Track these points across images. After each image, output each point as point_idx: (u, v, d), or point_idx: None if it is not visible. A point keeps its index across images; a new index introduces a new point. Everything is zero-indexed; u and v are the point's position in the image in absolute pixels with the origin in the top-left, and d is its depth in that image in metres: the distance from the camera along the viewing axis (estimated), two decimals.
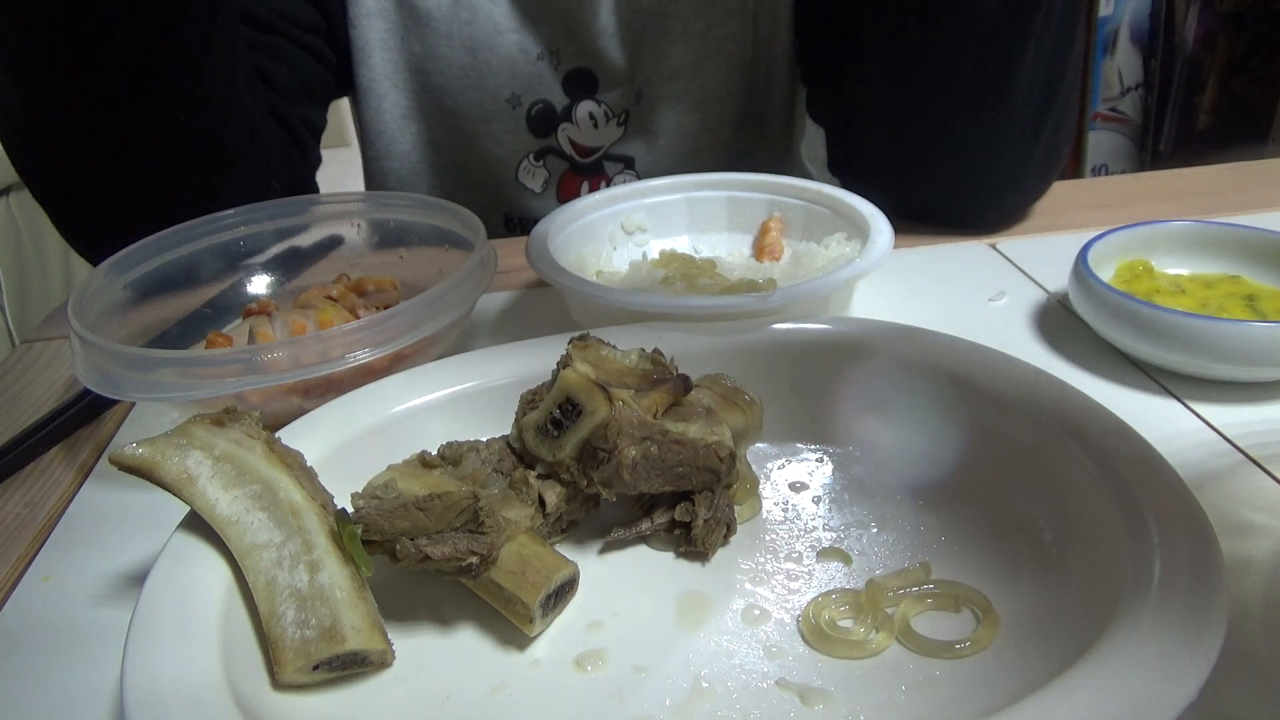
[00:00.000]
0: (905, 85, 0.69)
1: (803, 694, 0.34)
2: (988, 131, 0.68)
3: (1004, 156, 0.69)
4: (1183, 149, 1.48)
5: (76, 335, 0.48)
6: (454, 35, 0.82)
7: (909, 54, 0.68)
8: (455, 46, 0.82)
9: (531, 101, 0.85)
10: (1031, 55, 0.65)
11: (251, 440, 0.39)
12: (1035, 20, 0.63)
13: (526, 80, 0.84)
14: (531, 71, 0.83)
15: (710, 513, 0.40)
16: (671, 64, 0.84)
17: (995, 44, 0.65)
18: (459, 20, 0.82)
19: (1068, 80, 0.68)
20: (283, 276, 0.65)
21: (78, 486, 0.50)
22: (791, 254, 0.66)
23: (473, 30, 0.82)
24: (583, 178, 0.90)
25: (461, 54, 0.82)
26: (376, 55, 0.83)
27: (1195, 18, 1.41)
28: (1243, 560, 0.39)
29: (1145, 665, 0.29)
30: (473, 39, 0.82)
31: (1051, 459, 0.40)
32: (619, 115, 0.87)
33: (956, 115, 0.68)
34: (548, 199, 0.90)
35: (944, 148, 0.69)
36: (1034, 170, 0.71)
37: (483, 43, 0.82)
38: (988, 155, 0.69)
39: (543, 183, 0.89)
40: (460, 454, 0.42)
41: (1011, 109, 0.67)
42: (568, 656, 0.36)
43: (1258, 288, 0.56)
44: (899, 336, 0.48)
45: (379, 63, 0.83)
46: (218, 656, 0.32)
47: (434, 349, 0.54)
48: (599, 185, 0.90)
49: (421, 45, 0.83)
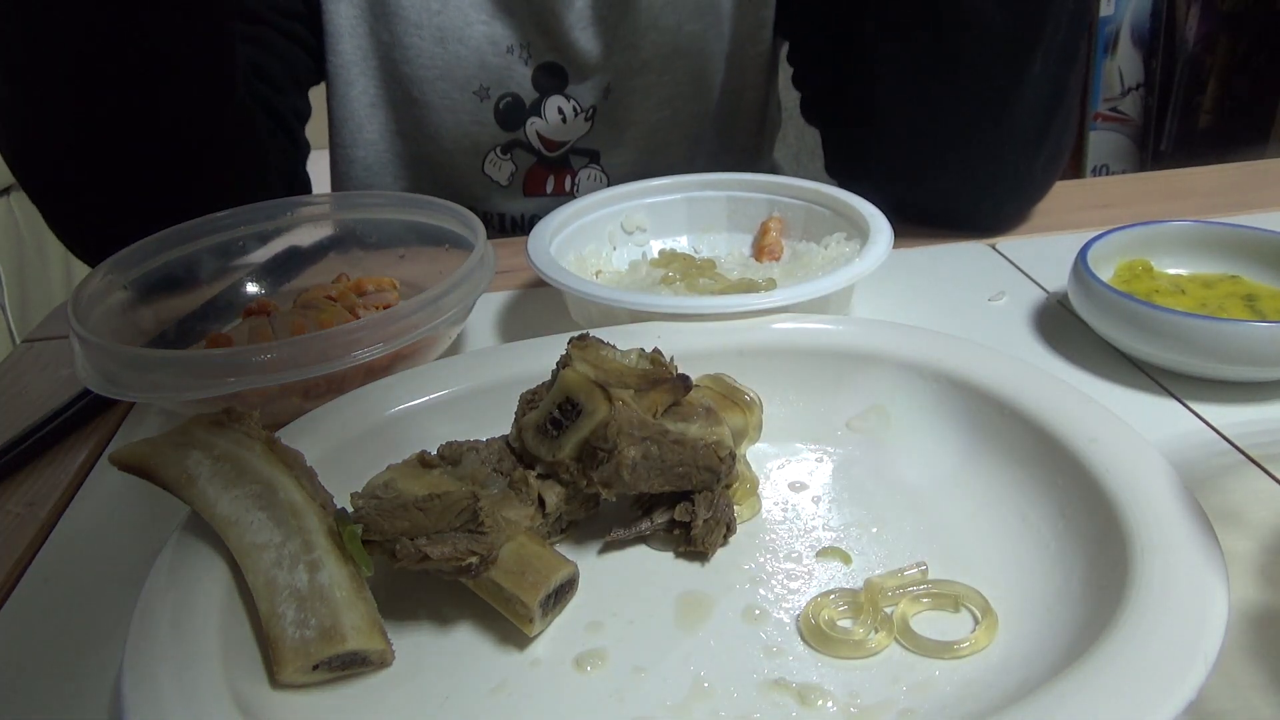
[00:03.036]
0: (909, 94, 0.69)
1: (802, 694, 0.34)
2: (991, 141, 0.67)
3: (1006, 166, 0.69)
4: (1183, 149, 1.48)
5: (76, 335, 0.48)
6: (423, 25, 0.81)
7: (915, 64, 0.67)
8: (424, 36, 0.82)
9: (500, 94, 0.84)
10: (1039, 66, 0.64)
11: (251, 440, 0.39)
12: (1044, 32, 0.63)
13: (495, 73, 0.83)
14: (501, 64, 0.83)
15: (710, 513, 0.40)
16: (641, 58, 0.84)
17: (1003, 56, 0.64)
18: (429, 10, 0.81)
19: (1071, 90, 0.68)
20: (283, 276, 0.65)
21: (78, 486, 0.50)
22: (791, 254, 0.65)
23: (442, 20, 0.81)
24: (549, 171, 0.89)
25: (430, 44, 0.82)
26: (345, 41, 0.82)
27: (1196, 18, 1.41)
28: (1243, 560, 0.39)
29: (1145, 665, 0.29)
30: (442, 29, 0.81)
31: (1051, 459, 0.40)
32: (587, 110, 0.86)
33: (961, 124, 0.67)
34: (514, 192, 0.89)
35: (946, 156, 0.69)
36: (1035, 179, 0.71)
37: (452, 33, 0.81)
38: (990, 164, 0.68)
39: (509, 175, 0.88)
40: (460, 454, 0.42)
41: (1016, 120, 0.66)
42: (568, 656, 0.36)
43: (1258, 288, 0.56)
44: (899, 336, 0.48)
45: (347, 49, 0.83)
46: (218, 656, 0.32)
47: (434, 349, 0.54)
48: (565, 179, 0.90)
49: (390, 34, 0.82)
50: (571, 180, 0.90)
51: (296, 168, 0.82)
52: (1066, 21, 0.64)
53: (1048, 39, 0.63)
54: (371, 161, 0.88)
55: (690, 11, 0.83)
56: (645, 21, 0.83)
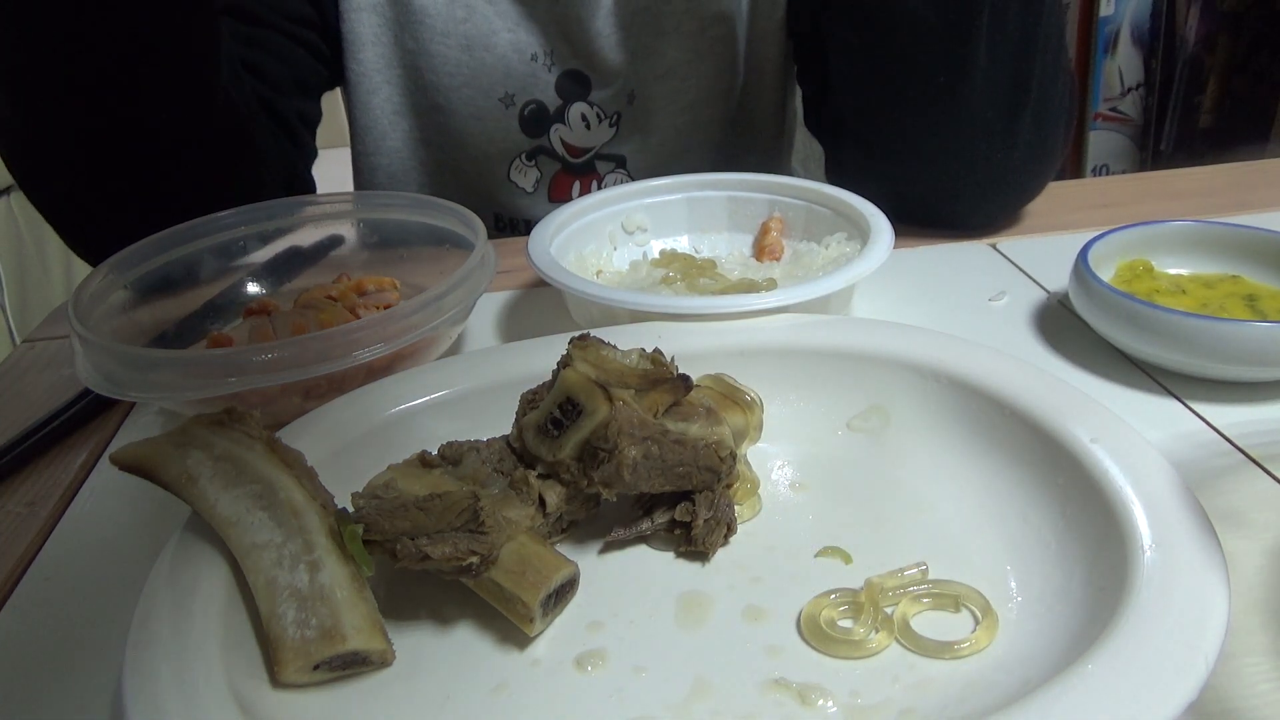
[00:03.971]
0: (866, 96, 0.69)
1: (802, 693, 0.34)
2: (950, 136, 0.67)
3: (976, 161, 0.68)
4: (1183, 149, 1.48)
5: (77, 335, 0.48)
6: (449, 33, 0.82)
7: (864, 67, 0.68)
8: (450, 44, 0.82)
9: (525, 101, 0.85)
10: (985, 58, 0.64)
11: (251, 440, 0.39)
12: (978, 23, 0.63)
13: (520, 80, 0.84)
14: (525, 71, 0.83)
15: (710, 513, 0.40)
16: (665, 63, 0.84)
17: (940, 50, 0.64)
18: (454, 18, 0.81)
19: (1040, 79, 0.66)
20: (283, 276, 0.65)
21: (78, 486, 0.50)
22: (791, 254, 0.66)
23: (468, 28, 0.82)
24: (574, 177, 0.89)
25: (456, 51, 0.82)
26: (368, 49, 0.83)
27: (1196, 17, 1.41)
28: (1243, 560, 0.39)
29: (1145, 665, 0.29)
30: (468, 37, 0.82)
31: (1051, 459, 0.40)
32: (610, 116, 0.87)
33: (916, 122, 0.68)
34: (539, 199, 0.90)
35: (911, 156, 0.69)
36: (1017, 171, 0.70)
37: (478, 41, 0.82)
38: (956, 160, 0.68)
39: (534, 182, 0.89)
40: (460, 454, 0.42)
41: (974, 112, 0.66)
42: (568, 656, 0.36)
43: (1258, 288, 0.56)
44: (899, 336, 0.48)
45: (370, 57, 0.83)
46: (218, 656, 0.32)
47: (434, 349, 0.54)
48: (590, 185, 0.90)
49: (415, 41, 0.82)
50: (598, 185, 0.90)
51: (299, 171, 0.82)
52: (1015, 12, 0.63)
53: (987, 31, 0.63)
54: (395, 169, 0.88)
55: (712, 16, 0.84)
56: (669, 27, 0.83)
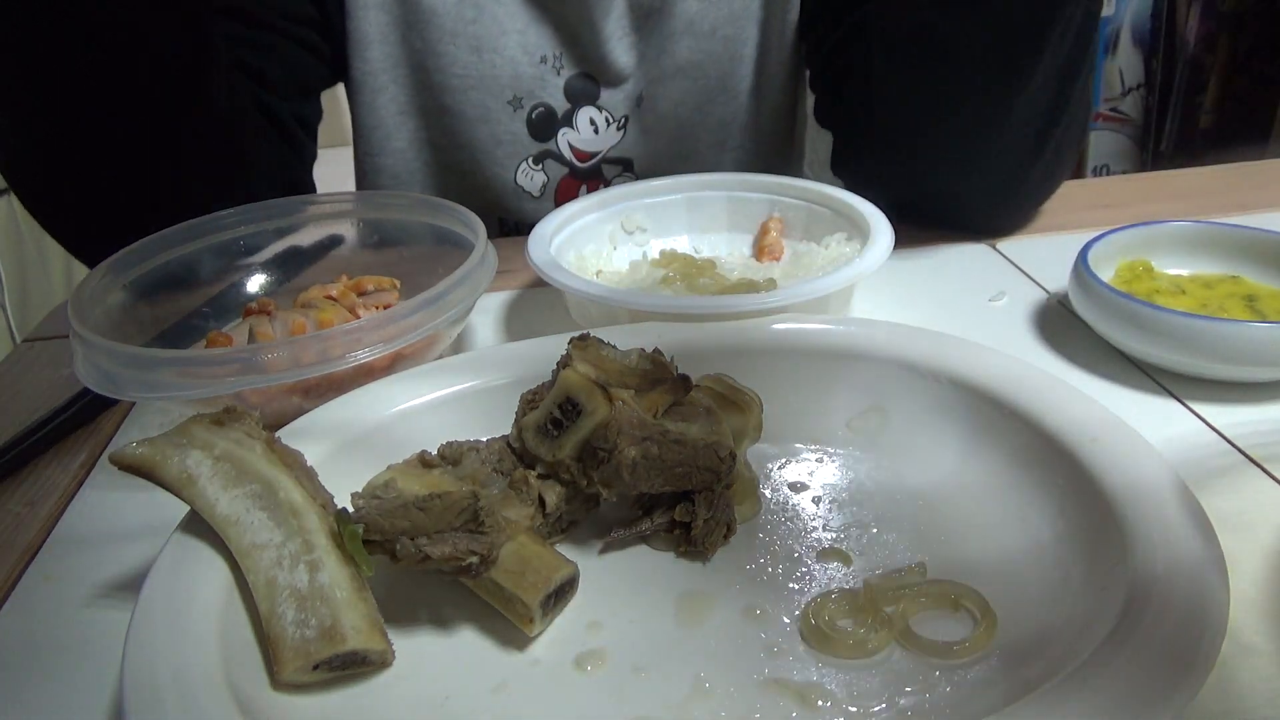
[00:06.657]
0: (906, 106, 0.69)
1: (802, 694, 0.34)
2: (989, 152, 0.67)
3: (1003, 174, 0.68)
4: (1184, 149, 1.48)
5: (76, 335, 0.48)
6: (458, 34, 0.81)
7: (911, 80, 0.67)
8: (459, 45, 0.81)
9: (533, 105, 0.84)
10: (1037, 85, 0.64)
11: (251, 440, 0.39)
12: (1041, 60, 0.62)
13: (528, 83, 0.83)
14: (534, 74, 0.83)
15: (710, 513, 0.40)
16: (675, 63, 0.84)
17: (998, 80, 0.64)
18: (464, 18, 0.81)
19: (1074, 103, 0.67)
20: (283, 276, 0.65)
21: (78, 486, 0.50)
22: (791, 254, 0.65)
23: (477, 29, 0.81)
24: (581, 182, 0.89)
25: (465, 53, 0.82)
26: (375, 48, 0.82)
27: (1197, 18, 1.41)
28: (1243, 560, 0.39)
29: (1145, 665, 0.29)
30: (477, 38, 0.81)
31: (1051, 459, 0.40)
32: (619, 120, 0.86)
33: (953, 139, 0.67)
34: (545, 203, 0.89)
35: (942, 165, 0.69)
36: (1035, 183, 0.71)
37: (487, 42, 0.81)
38: (988, 174, 0.68)
39: (541, 186, 0.89)
40: (460, 454, 0.42)
41: (1014, 131, 0.66)
42: (568, 656, 0.36)
43: (1258, 288, 0.56)
44: (899, 336, 0.48)
45: (377, 56, 0.82)
46: (217, 656, 0.32)
47: (434, 349, 0.54)
48: (597, 189, 0.90)
49: (423, 41, 0.82)
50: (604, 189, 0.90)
51: (298, 173, 0.81)
52: (1069, 46, 0.63)
53: (1045, 64, 0.63)
54: (399, 170, 0.87)
55: (724, 16, 0.83)
56: (680, 28, 0.83)
